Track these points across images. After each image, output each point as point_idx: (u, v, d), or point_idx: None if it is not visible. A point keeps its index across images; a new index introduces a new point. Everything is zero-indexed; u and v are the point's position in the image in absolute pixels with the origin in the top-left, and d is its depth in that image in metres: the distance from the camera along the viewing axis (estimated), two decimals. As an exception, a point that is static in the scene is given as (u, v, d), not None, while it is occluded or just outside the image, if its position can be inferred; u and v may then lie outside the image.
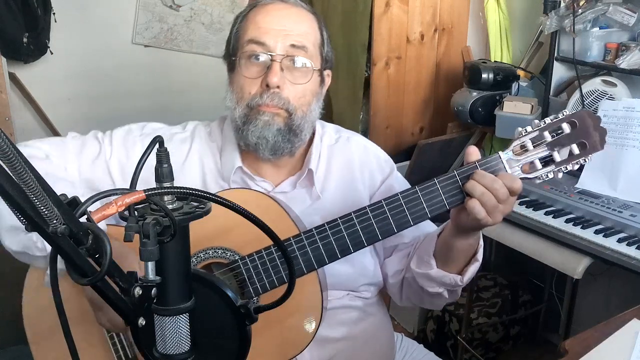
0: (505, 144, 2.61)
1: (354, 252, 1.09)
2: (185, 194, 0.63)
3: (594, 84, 2.05)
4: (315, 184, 1.24)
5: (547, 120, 1.07)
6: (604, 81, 2.04)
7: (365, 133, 2.70)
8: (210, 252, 1.12)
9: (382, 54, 2.55)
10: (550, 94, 2.27)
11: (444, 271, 1.16)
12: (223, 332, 0.73)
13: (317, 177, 1.24)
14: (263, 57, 1.14)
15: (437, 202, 1.06)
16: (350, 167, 1.29)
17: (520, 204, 1.91)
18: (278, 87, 1.13)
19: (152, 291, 0.63)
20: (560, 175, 1.08)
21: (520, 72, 2.49)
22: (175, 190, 0.63)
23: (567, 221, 1.80)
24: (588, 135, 1.06)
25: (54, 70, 2.49)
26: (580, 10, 2.08)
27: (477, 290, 2.50)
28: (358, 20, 2.48)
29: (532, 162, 1.07)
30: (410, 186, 1.34)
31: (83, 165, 1.22)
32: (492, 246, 2.71)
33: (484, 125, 2.48)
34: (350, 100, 2.60)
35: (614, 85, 2.01)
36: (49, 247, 1.06)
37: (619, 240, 1.67)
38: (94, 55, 2.58)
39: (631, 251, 1.62)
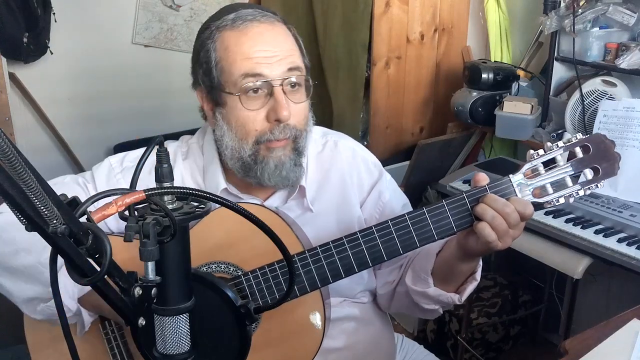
0: (505, 144, 2.62)
1: (358, 272, 1.06)
2: (185, 194, 0.63)
3: (594, 84, 2.05)
4: (307, 196, 1.21)
5: (560, 143, 1.04)
6: (604, 81, 2.04)
7: (365, 133, 2.70)
8: (213, 267, 1.10)
9: (382, 54, 2.55)
10: (550, 94, 2.28)
11: (441, 290, 1.14)
12: (223, 332, 0.73)
13: (307, 190, 1.21)
14: (262, 89, 1.09)
15: (444, 224, 1.04)
16: (342, 176, 1.26)
17: (520, 204, 1.91)
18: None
19: (152, 291, 0.63)
20: (571, 200, 1.05)
21: (520, 72, 2.49)
22: (175, 190, 0.63)
23: (567, 221, 1.80)
24: (602, 160, 1.03)
25: (54, 70, 2.49)
26: (580, 10, 2.08)
27: (477, 290, 2.49)
28: (358, 20, 2.47)
29: (543, 187, 1.05)
30: (399, 189, 1.33)
31: None
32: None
33: (484, 125, 2.48)
34: (350, 100, 2.60)
35: (614, 85, 2.01)
36: (73, 306, 1.07)
37: (619, 240, 1.67)
38: (94, 55, 2.58)
39: (631, 251, 1.62)
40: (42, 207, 0.51)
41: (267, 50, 1.09)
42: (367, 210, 1.26)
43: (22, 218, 0.52)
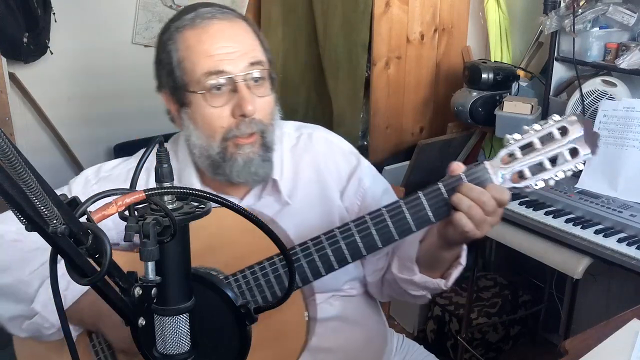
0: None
1: (339, 268, 1.06)
2: (185, 194, 0.63)
3: (594, 84, 2.05)
4: (282, 190, 1.20)
5: (537, 126, 1.02)
6: (604, 81, 2.04)
7: (365, 133, 2.70)
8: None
9: (382, 54, 2.55)
10: (550, 94, 2.27)
11: (427, 277, 1.14)
12: (223, 332, 0.73)
13: (283, 183, 1.21)
14: (225, 85, 1.10)
15: (422, 215, 1.03)
16: (317, 167, 1.25)
17: (520, 204, 1.91)
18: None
19: (152, 291, 0.63)
20: (552, 183, 1.03)
21: (520, 72, 2.49)
22: (175, 190, 0.63)
23: (567, 221, 1.80)
24: (579, 140, 1.01)
25: (54, 70, 2.49)
26: (580, 10, 2.07)
27: (477, 290, 2.50)
28: (358, 20, 2.47)
29: (521, 171, 1.03)
30: (379, 175, 1.32)
31: None
32: (492, 246, 2.71)
33: (484, 125, 2.48)
34: (350, 100, 2.60)
35: (614, 85, 2.01)
36: (56, 321, 1.07)
37: (619, 240, 1.67)
38: (94, 55, 2.58)
39: (631, 251, 1.62)
40: (42, 207, 0.51)
41: (228, 47, 1.10)
42: (348, 198, 1.26)
43: (22, 218, 0.52)
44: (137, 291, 0.62)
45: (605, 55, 2.10)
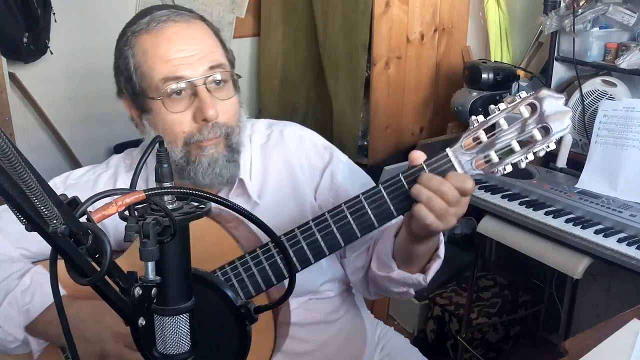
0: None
1: (301, 269, 1.02)
2: (185, 194, 0.63)
3: (594, 84, 2.05)
4: (250, 190, 1.18)
5: (502, 105, 0.94)
6: (604, 81, 2.04)
7: (365, 133, 2.70)
8: None
9: (382, 54, 2.55)
10: (550, 94, 2.27)
11: (405, 272, 1.10)
12: (223, 332, 0.73)
13: (251, 182, 1.18)
14: (185, 90, 1.06)
15: (384, 209, 0.98)
16: (289, 163, 1.21)
17: (520, 204, 1.91)
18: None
19: (152, 291, 0.63)
20: (522, 165, 0.95)
21: (520, 72, 2.49)
22: (175, 190, 0.63)
23: (567, 221, 1.80)
24: (551, 116, 0.93)
25: (54, 70, 2.49)
26: (580, 10, 2.08)
27: (477, 290, 2.50)
28: (358, 20, 2.47)
29: (487, 155, 0.95)
30: (358, 170, 1.27)
31: (14, 242, 1.16)
32: (492, 246, 2.71)
33: (484, 125, 2.48)
34: (350, 100, 2.60)
35: (614, 85, 2.01)
36: (19, 335, 1.06)
37: (619, 240, 1.67)
38: (94, 55, 2.58)
39: (631, 251, 1.62)
40: (42, 207, 0.51)
41: (186, 50, 1.06)
42: (321, 195, 1.22)
43: (22, 218, 0.52)
44: (137, 291, 0.62)
45: (605, 55, 2.10)
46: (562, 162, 2.08)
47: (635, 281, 1.70)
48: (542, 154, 0.96)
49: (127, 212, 0.61)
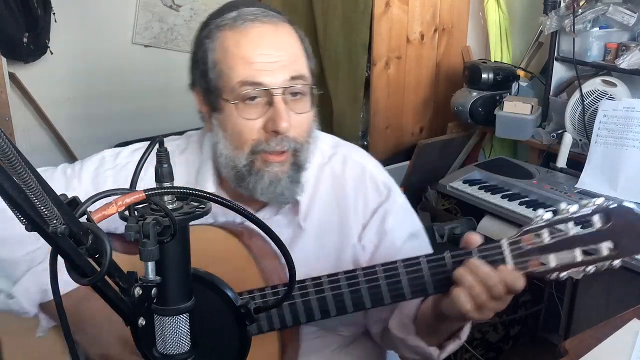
0: (505, 144, 2.62)
1: (321, 319, 0.98)
2: (185, 194, 0.63)
3: (594, 84, 2.05)
4: (300, 214, 1.10)
5: (574, 207, 0.86)
6: (604, 81, 2.04)
7: (365, 133, 2.70)
8: None
9: (382, 54, 2.54)
10: (550, 94, 2.28)
11: (421, 342, 1.04)
12: (223, 332, 0.73)
13: (302, 204, 1.10)
14: (261, 97, 1.00)
15: (420, 283, 0.94)
16: (343, 193, 1.13)
17: (520, 204, 1.91)
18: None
19: (152, 291, 0.63)
20: (580, 276, 0.89)
21: (520, 72, 2.49)
22: (175, 190, 0.63)
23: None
24: (622, 236, 0.85)
25: (54, 70, 2.49)
26: (580, 10, 2.08)
27: (477, 290, 2.49)
28: (358, 20, 2.47)
29: (544, 258, 0.88)
30: (411, 214, 1.18)
31: None
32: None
33: (484, 125, 2.48)
34: (350, 100, 2.60)
35: (614, 85, 2.01)
36: (32, 310, 1.05)
37: (619, 240, 1.67)
38: (94, 55, 2.59)
39: (631, 251, 1.62)
40: (42, 207, 0.51)
41: (270, 55, 1.00)
42: (367, 235, 1.13)
43: (22, 218, 0.52)
44: (137, 291, 0.62)
45: (605, 55, 2.10)
46: (562, 162, 2.08)
47: (635, 281, 1.70)
48: (603, 269, 0.90)
49: (127, 212, 0.61)
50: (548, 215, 0.88)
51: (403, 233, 1.13)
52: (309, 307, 0.97)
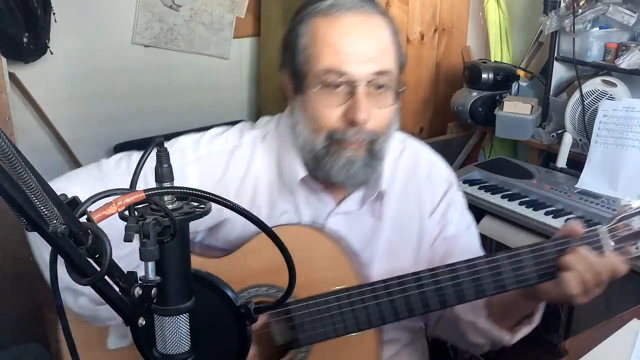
0: (505, 144, 2.62)
1: (408, 317, 1.02)
2: (185, 194, 0.63)
3: (594, 84, 2.05)
4: (383, 205, 1.14)
5: None
6: (604, 81, 2.04)
7: (365, 133, 2.70)
8: (262, 290, 1.06)
9: (382, 54, 2.54)
10: (550, 94, 2.28)
11: (493, 325, 1.08)
12: (223, 332, 0.73)
13: (384, 198, 1.14)
14: (343, 86, 1.01)
15: (522, 273, 0.98)
16: (416, 186, 1.19)
17: (520, 204, 1.91)
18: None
19: (152, 291, 0.63)
20: None
21: (520, 72, 2.49)
22: (175, 190, 0.63)
23: (567, 221, 1.80)
24: None
25: (54, 70, 2.49)
26: (580, 10, 2.08)
27: (477, 290, 2.49)
28: (358, 20, 2.47)
29: (636, 243, 0.97)
30: (466, 209, 1.25)
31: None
32: (492, 246, 2.71)
33: (484, 125, 2.48)
34: (350, 100, 2.60)
35: (614, 85, 2.01)
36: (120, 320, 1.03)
37: (619, 240, 1.67)
38: (94, 55, 2.58)
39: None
40: (42, 207, 0.51)
41: (358, 45, 1.01)
42: (433, 222, 1.20)
43: (22, 218, 0.52)
44: (137, 291, 0.62)
45: (605, 55, 2.10)
46: (562, 162, 2.08)
47: (635, 281, 1.70)
48: None
49: (127, 212, 0.61)
50: (638, 203, 0.98)
51: (462, 224, 1.21)
52: (409, 302, 1.00)
